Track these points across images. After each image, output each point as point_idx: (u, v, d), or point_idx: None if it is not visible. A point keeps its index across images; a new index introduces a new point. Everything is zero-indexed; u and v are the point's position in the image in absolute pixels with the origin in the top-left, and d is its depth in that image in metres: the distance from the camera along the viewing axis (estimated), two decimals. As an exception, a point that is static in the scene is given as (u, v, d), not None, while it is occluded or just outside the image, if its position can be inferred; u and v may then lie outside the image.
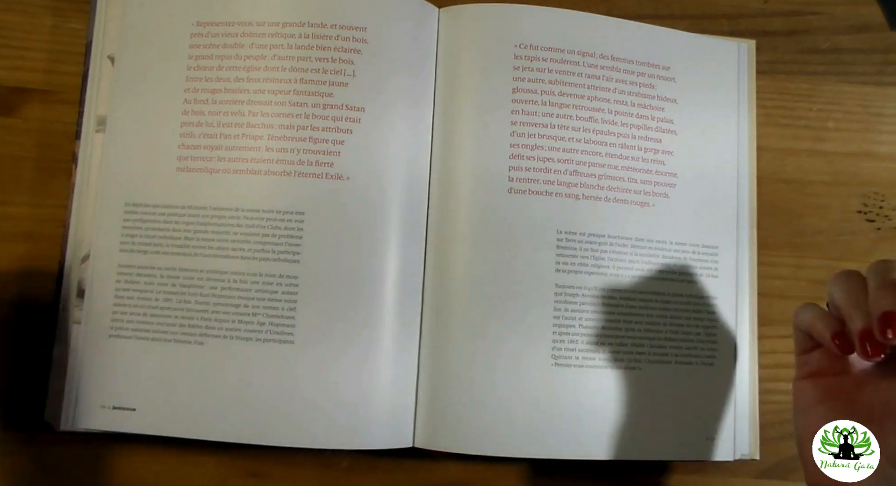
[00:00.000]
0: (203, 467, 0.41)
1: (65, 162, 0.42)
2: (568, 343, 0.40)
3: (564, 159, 0.42)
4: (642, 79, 0.44)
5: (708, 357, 0.42)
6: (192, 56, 0.41)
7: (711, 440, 0.42)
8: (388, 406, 0.39)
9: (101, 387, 0.39)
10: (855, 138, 0.48)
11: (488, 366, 0.40)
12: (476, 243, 0.41)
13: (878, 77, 0.49)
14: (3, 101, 0.43)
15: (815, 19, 0.49)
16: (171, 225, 0.40)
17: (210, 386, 0.38)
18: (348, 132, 0.40)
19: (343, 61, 0.41)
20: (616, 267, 0.42)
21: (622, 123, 0.43)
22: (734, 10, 0.49)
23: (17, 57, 0.44)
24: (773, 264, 0.46)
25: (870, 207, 0.47)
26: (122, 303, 0.39)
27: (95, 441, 0.40)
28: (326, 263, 0.39)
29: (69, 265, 0.40)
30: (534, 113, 0.42)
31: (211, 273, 0.39)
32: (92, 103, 0.42)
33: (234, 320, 0.39)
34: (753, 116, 0.46)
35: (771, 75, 0.48)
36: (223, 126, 0.40)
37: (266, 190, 0.40)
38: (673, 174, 0.44)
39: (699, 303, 0.43)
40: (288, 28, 0.41)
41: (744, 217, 0.45)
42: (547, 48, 0.43)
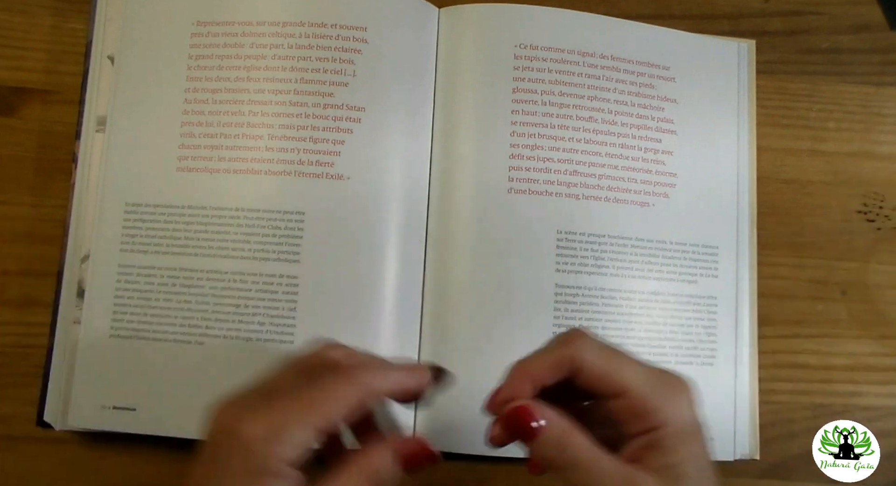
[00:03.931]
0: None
1: (65, 162, 0.42)
2: (568, 343, 0.40)
3: (564, 159, 0.42)
4: (642, 79, 0.44)
5: (708, 357, 0.42)
6: (192, 56, 0.41)
7: (711, 440, 0.41)
8: (389, 405, 0.39)
9: (101, 387, 0.39)
10: (855, 138, 0.48)
11: (488, 365, 0.40)
12: (476, 242, 0.41)
13: (878, 77, 0.49)
14: (3, 101, 0.43)
15: (814, 19, 0.49)
16: (172, 225, 0.40)
17: (210, 386, 0.38)
18: (349, 132, 0.40)
19: (343, 61, 0.41)
20: (616, 267, 0.42)
21: (622, 123, 0.43)
22: (734, 10, 0.49)
23: (17, 57, 0.44)
24: (773, 264, 0.46)
25: (870, 207, 0.47)
26: (122, 303, 0.39)
27: (95, 441, 0.40)
28: (326, 263, 0.39)
29: (69, 265, 0.40)
30: (534, 113, 0.42)
31: (211, 273, 0.39)
32: (92, 103, 0.42)
33: (234, 320, 0.39)
34: (753, 116, 0.46)
35: (771, 75, 0.48)
36: (223, 126, 0.40)
37: (266, 190, 0.40)
38: (673, 174, 0.44)
39: (699, 303, 0.43)
40: (288, 28, 0.41)
41: (744, 217, 0.45)
42: (547, 48, 0.43)
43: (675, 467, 0.26)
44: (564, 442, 0.26)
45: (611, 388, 0.27)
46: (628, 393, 0.26)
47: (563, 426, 0.26)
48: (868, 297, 0.46)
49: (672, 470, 0.26)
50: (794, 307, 0.45)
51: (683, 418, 0.27)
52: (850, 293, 0.46)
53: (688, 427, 0.27)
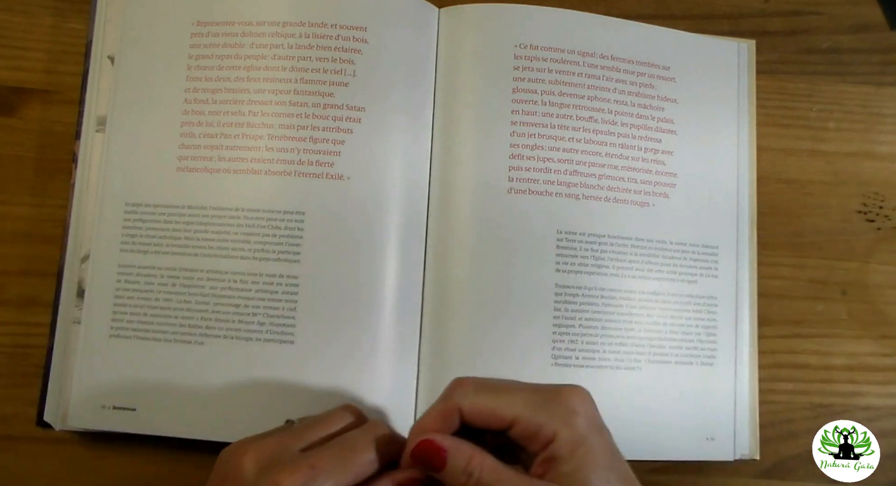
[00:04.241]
0: (203, 467, 0.41)
1: (65, 162, 0.42)
2: (568, 343, 0.40)
3: (564, 159, 0.42)
4: (642, 79, 0.44)
5: (708, 357, 0.42)
6: (192, 56, 0.41)
7: (711, 440, 0.42)
8: (388, 406, 0.39)
9: (101, 387, 0.39)
10: (855, 138, 0.48)
11: (488, 365, 0.40)
12: (476, 242, 0.41)
13: (878, 77, 0.49)
14: (3, 101, 0.43)
15: (815, 19, 0.49)
16: (171, 225, 0.40)
17: (210, 386, 0.38)
18: (349, 132, 0.40)
19: (343, 61, 0.41)
20: (616, 267, 0.42)
21: (622, 123, 0.43)
22: (734, 10, 0.49)
23: (17, 57, 0.44)
24: (773, 264, 0.46)
25: (870, 207, 0.47)
26: (122, 303, 0.39)
27: (95, 441, 0.40)
28: (327, 262, 0.39)
29: (69, 265, 0.40)
30: (534, 113, 0.42)
31: (211, 273, 0.39)
32: (92, 103, 0.42)
33: (234, 320, 0.39)
34: (753, 116, 0.46)
35: (771, 75, 0.48)
36: (223, 126, 0.40)
37: (266, 190, 0.40)
38: (673, 174, 0.44)
39: (699, 303, 0.43)
40: (288, 28, 0.41)
41: (744, 217, 0.45)
42: (547, 48, 0.43)
43: (575, 472, 0.28)
44: (471, 467, 0.28)
45: (500, 421, 0.29)
46: (517, 421, 0.29)
47: (468, 452, 0.28)
48: (868, 297, 0.46)
49: (572, 476, 0.28)
50: (794, 307, 0.45)
51: (573, 425, 0.29)
52: (850, 293, 0.46)
53: (578, 433, 0.28)
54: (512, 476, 0.28)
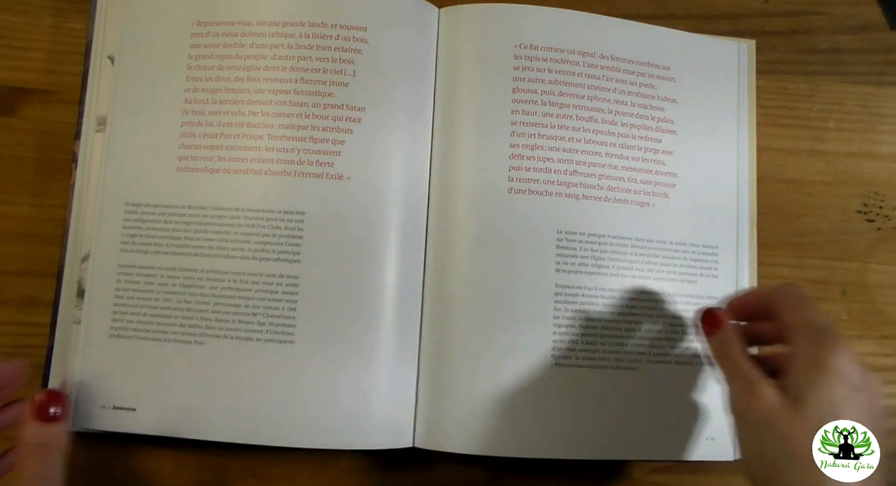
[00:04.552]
0: (203, 467, 0.41)
1: (65, 162, 0.42)
2: (568, 343, 0.40)
3: (564, 159, 0.42)
4: (642, 79, 0.44)
5: (708, 357, 0.42)
6: (192, 56, 0.41)
7: (711, 440, 0.42)
8: (388, 406, 0.39)
9: (101, 387, 0.39)
10: (855, 138, 0.48)
11: (488, 365, 0.40)
12: (476, 242, 0.41)
13: (878, 77, 0.49)
14: (3, 101, 0.43)
15: (815, 19, 0.49)
16: (171, 225, 0.40)
17: (210, 386, 0.38)
18: (349, 132, 0.40)
19: (343, 61, 0.41)
20: (616, 267, 0.42)
21: (622, 123, 0.43)
22: (734, 10, 0.49)
23: (17, 57, 0.44)
24: (773, 264, 0.46)
25: (870, 207, 0.47)
26: (122, 303, 0.39)
27: (95, 441, 0.40)
28: (327, 262, 0.39)
29: (69, 265, 0.40)
30: (534, 113, 0.42)
31: (211, 273, 0.39)
32: (92, 103, 0.42)
33: (234, 320, 0.39)
34: (753, 116, 0.46)
35: (771, 75, 0.48)
36: (223, 126, 0.40)
37: (266, 190, 0.40)
38: (673, 174, 0.44)
39: (699, 303, 0.43)
40: (288, 28, 0.41)
41: (744, 217, 0.45)
42: (547, 48, 0.43)
43: (797, 387, 0.32)
44: (728, 341, 0.36)
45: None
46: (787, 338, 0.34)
47: (733, 331, 0.36)
48: (868, 297, 0.46)
49: (793, 390, 0.32)
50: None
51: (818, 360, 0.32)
52: (850, 293, 0.46)
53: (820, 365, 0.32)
54: (747, 365, 0.34)
